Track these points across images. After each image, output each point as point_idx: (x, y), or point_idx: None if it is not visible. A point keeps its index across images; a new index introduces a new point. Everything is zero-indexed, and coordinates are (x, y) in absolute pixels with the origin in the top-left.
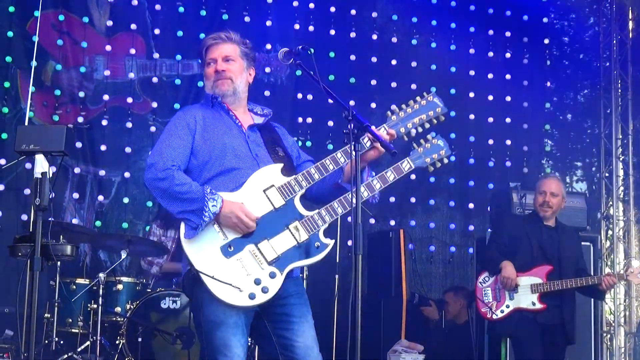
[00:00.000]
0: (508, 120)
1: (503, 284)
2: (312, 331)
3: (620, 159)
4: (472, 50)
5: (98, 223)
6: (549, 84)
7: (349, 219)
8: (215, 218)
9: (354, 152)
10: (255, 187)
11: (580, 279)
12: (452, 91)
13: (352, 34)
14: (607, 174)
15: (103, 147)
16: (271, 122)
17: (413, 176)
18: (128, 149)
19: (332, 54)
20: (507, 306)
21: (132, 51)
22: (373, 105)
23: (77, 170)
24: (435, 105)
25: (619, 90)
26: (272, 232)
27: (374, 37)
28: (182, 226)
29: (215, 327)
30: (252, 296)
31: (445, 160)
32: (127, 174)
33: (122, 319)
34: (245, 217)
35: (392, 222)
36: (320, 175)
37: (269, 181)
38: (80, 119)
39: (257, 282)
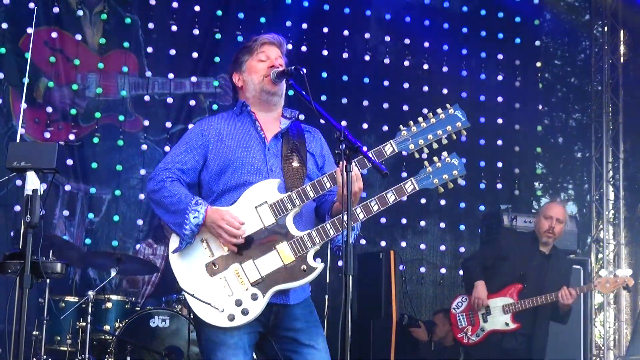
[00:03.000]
0: (500, 142)
1: (473, 304)
2: (323, 354)
3: (611, 182)
4: (464, 73)
5: (88, 241)
6: (540, 107)
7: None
8: (204, 230)
9: (345, 174)
10: (248, 203)
11: (545, 295)
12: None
13: (345, 55)
14: (597, 197)
15: (94, 165)
16: (306, 125)
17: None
18: (119, 167)
19: (324, 74)
20: (482, 329)
21: (125, 69)
22: (365, 126)
23: (67, 187)
24: (456, 119)
25: (610, 114)
26: (258, 252)
27: (367, 58)
28: (172, 239)
29: (215, 348)
30: (231, 317)
31: (460, 181)
32: (117, 192)
33: (110, 338)
34: (227, 225)
35: (383, 243)
36: (315, 193)
37: (262, 197)
38: (71, 137)
39: (238, 303)
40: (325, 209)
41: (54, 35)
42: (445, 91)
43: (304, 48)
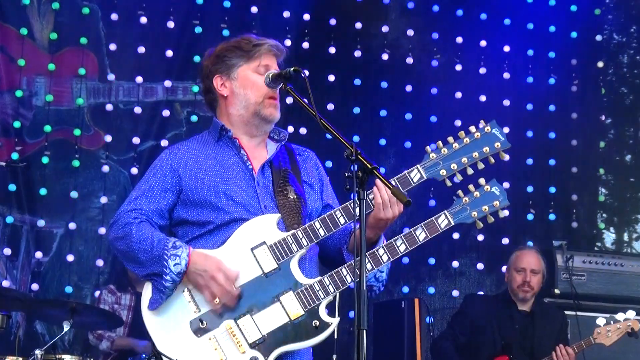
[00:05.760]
0: (552, 162)
1: None
2: None
3: None
4: (507, 75)
5: (34, 286)
6: (603, 117)
7: (351, 284)
8: (185, 278)
9: (357, 202)
10: (242, 244)
11: None
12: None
13: (357, 53)
14: None
15: (43, 191)
16: (298, 147)
17: None
18: (74, 194)
19: (331, 78)
20: None
21: (82, 71)
22: (382, 141)
23: (9, 219)
24: (494, 138)
25: None
26: (257, 305)
27: (385, 57)
28: (146, 290)
29: None
30: None
31: (501, 214)
32: (72, 225)
33: None
34: (224, 279)
35: (406, 289)
36: (326, 231)
37: (259, 237)
38: (14, 156)
39: None
40: (338, 240)
41: None
42: (483, 98)
43: (305, 45)
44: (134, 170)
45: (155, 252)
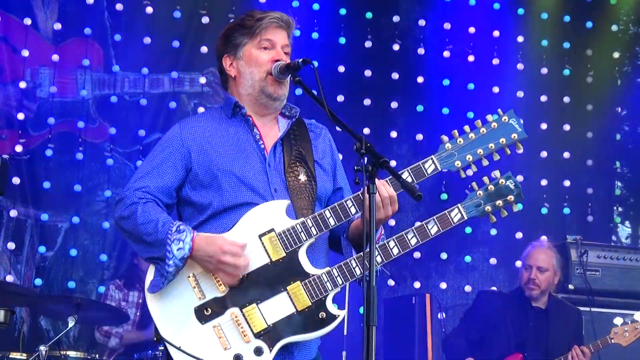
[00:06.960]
0: (566, 155)
1: None
2: None
3: None
4: (520, 66)
5: (39, 281)
6: (619, 109)
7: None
8: (191, 263)
9: (367, 196)
10: (249, 231)
11: None
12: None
13: (368, 43)
14: None
15: (47, 185)
16: (311, 123)
17: None
18: (78, 187)
19: (341, 69)
20: None
21: (86, 62)
22: (393, 134)
23: (13, 213)
24: (511, 128)
25: None
26: (264, 294)
27: (396, 47)
28: (150, 273)
29: None
30: None
31: (515, 208)
32: (76, 219)
33: None
34: (232, 258)
35: (417, 284)
36: (337, 221)
37: (268, 223)
38: (18, 148)
39: (238, 358)
40: (341, 228)
41: None
42: (496, 89)
43: (315, 35)
44: (140, 163)
45: (160, 235)
